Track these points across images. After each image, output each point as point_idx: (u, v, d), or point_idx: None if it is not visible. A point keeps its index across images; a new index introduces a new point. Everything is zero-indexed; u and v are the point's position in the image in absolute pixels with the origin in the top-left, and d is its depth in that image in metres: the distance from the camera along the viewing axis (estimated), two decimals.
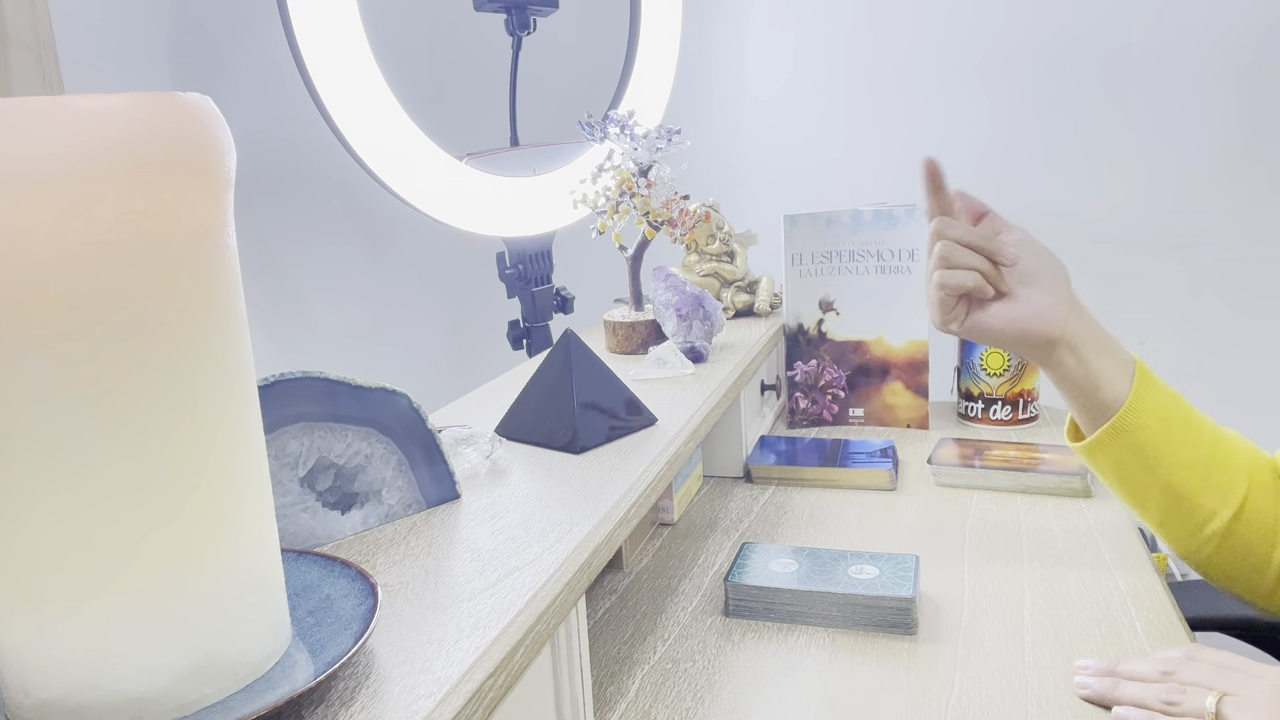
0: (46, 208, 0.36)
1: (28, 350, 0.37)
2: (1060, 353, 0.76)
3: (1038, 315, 0.75)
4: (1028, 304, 0.76)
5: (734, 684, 0.71)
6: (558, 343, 0.84)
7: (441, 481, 0.70)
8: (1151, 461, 0.74)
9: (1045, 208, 1.46)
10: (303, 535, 0.63)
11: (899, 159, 1.50)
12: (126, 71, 0.96)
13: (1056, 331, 0.75)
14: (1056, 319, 0.75)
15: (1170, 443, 0.74)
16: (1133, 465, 0.75)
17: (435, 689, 0.45)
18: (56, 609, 0.39)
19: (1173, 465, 0.74)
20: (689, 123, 1.53)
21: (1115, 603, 0.79)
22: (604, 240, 1.11)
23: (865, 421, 1.28)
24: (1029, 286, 0.76)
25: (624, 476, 0.72)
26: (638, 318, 1.14)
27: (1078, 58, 1.40)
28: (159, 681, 0.40)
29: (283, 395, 0.62)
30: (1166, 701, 0.62)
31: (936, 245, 0.76)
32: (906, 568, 0.81)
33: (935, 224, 0.77)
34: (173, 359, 0.40)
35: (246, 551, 0.44)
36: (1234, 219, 1.40)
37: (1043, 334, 0.75)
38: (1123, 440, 0.75)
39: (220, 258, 0.42)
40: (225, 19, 1.09)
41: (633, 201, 1.08)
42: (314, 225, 1.24)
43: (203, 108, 0.41)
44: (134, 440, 0.39)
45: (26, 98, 0.36)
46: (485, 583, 0.56)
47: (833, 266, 1.25)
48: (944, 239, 0.76)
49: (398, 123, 1.04)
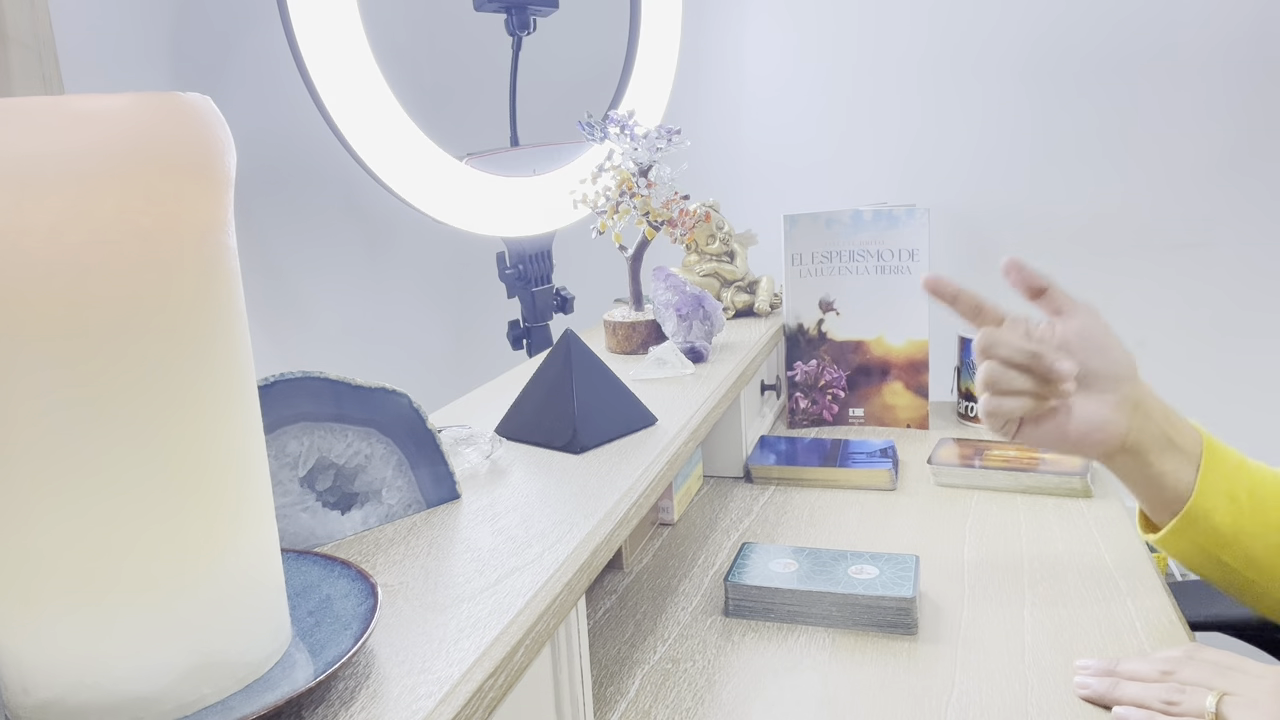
0: (46, 208, 0.36)
1: (27, 350, 0.37)
2: (1120, 458, 0.72)
3: (1095, 429, 0.70)
4: (1083, 420, 0.70)
5: (734, 684, 0.71)
6: (558, 343, 0.84)
7: (441, 481, 0.70)
8: (1229, 539, 0.71)
9: (1046, 207, 1.46)
10: (303, 535, 0.63)
11: (899, 159, 1.51)
12: (126, 71, 0.96)
13: (1115, 444, 0.71)
14: (1115, 432, 0.70)
15: (1242, 516, 0.71)
16: (1211, 545, 0.72)
17: (435, 689, 0.45)
18: (56, 609, 0.39)
19: (1251, 535, 0.71)
20: (689, 123, 1.53)
21: (1115, 603, 0.79)
22: (604, 240, 1.11)
23: (865, 421, 1.28)
24: (1088, 394, 0.71)
25: (624, 476, 0.72)
26: (638, 318, 1.14)
27: (1078, 56, 1.40)
28: (159, 681, 0.40)
29: (283, 395, 0.62)
30: (1166, 701, 0.62)
31: (982, 365, 0.70)
32: (906, 568, 0.81)
33: (979, 338, 0.71)
34: (172, 359, 0.40)
35: (246, 551, 0.44)
36: (1236, 218, 1.40)
37: (1100, 448, 0.71)
38: (1198, 527, 0.71)
39: (220, 258, 0.42)
40: (225, 19, 1.09)
41: (633, 201, 1.08)
42: (314, 225, 1.24)
43: (203, 108, 0.41)
44: (134, 440, 0.39)
45: (26, 98, 0.36)
46: (485, 583, 0.56)
47: (833, 266, 1.25)
48: (990, 359, 0.69)
49: (398, 123, 1.04)
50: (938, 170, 1.49)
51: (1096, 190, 1.43)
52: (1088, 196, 1.44)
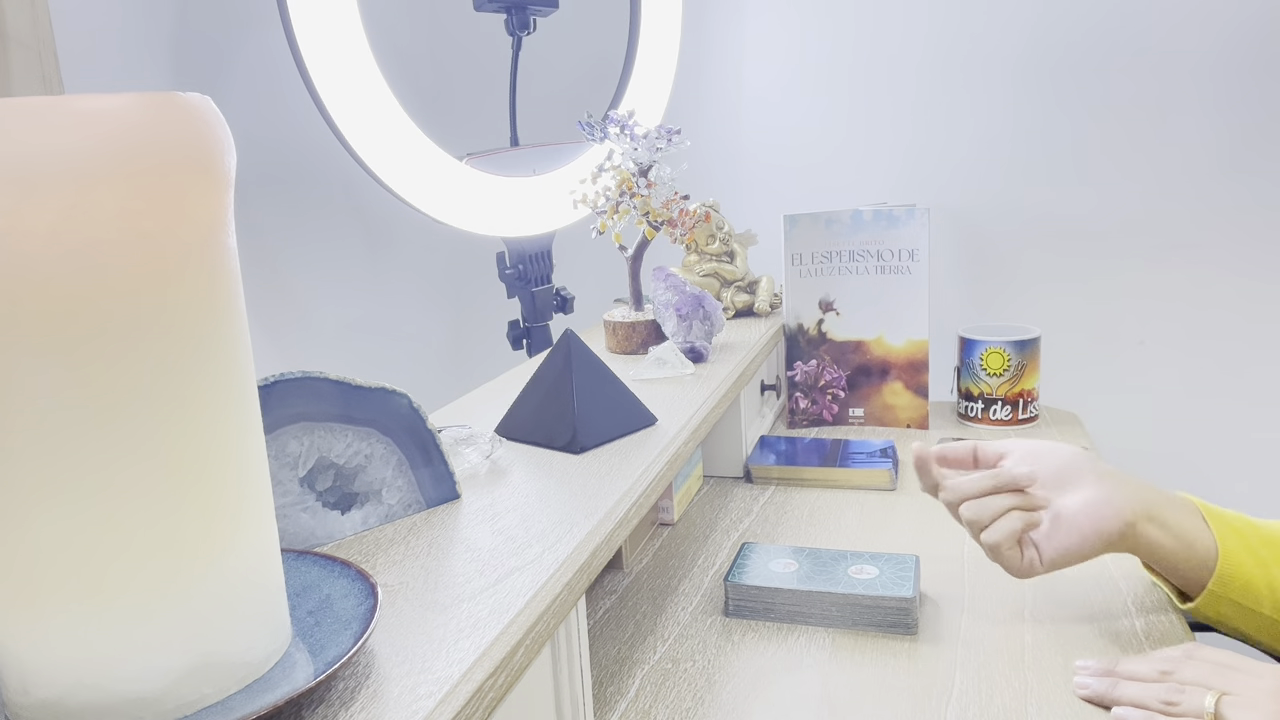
0: (46, 208, 0.36)
1: (27, 350, 0.37)
2: (1144, 528, 0.71)
3: (1100, 506, 0.71)
4: (1084, 508, 0.71)
5: (734, 684, 0.71)
6: (558, 343, 0.84)
7: (441, 481, 0.70)
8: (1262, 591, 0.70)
9: (1046, 207, 1.46)
10: (303, 535, 0.63)
11: (899, 159, 1.50)
12: (126, 71, 0.96)
13: (1128, 512, 0.71)
14: (1120, 503, 0.71)
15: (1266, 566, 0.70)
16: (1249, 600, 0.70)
17: (435, 689, 0.45)
18: (56, 609, 0.39)
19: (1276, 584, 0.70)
20: (689, 123, 1.53)
21: (1115, 603, 0.79)
22: (604, 240, 1.11)
23: (865, 421, 1.28)
24: (1068, 490, 0.72)
25: (624, 476, 0.72)
26: (638, 318, 1.14)
27: (1079, 56, 1.40)
28: (159, 681, 0.40)
29: (283, 395, 0.62)
30: (1165, 701, 0.62)
31: (961, 512, 0.72)
32: (906, 568, 0.81)
33: (943, 496, 0.74)
34: (172, 359, 0.40)
35: (246, 551, 0.44)
36: (1236, 218, 1.40)
37: (1118, 522, 0.70)
38: (1235, 584, 0.70)
39: (220, 258, 0.42)
40: (225, 19, 1.08)
41: (633, 201, 1.08)
42: (314, 225, 1.24)
43: (203, 107, 0.41)
44: (134, 440, 0.39)
45: (26, 98, 0.36)
46: (485, 583, 0.56)
47: (833, 266, 1.25)
48: (965, 502, 0.72)
49: (398, 123, 1.04)
50: (938, 170, 1.49)
51: (1097, 190, 1.43)
52: (1088, 196, 1.44)
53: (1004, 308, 1.50)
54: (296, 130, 1.15)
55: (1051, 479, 0.73)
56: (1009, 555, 0.71)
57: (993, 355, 1.23)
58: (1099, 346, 1.47)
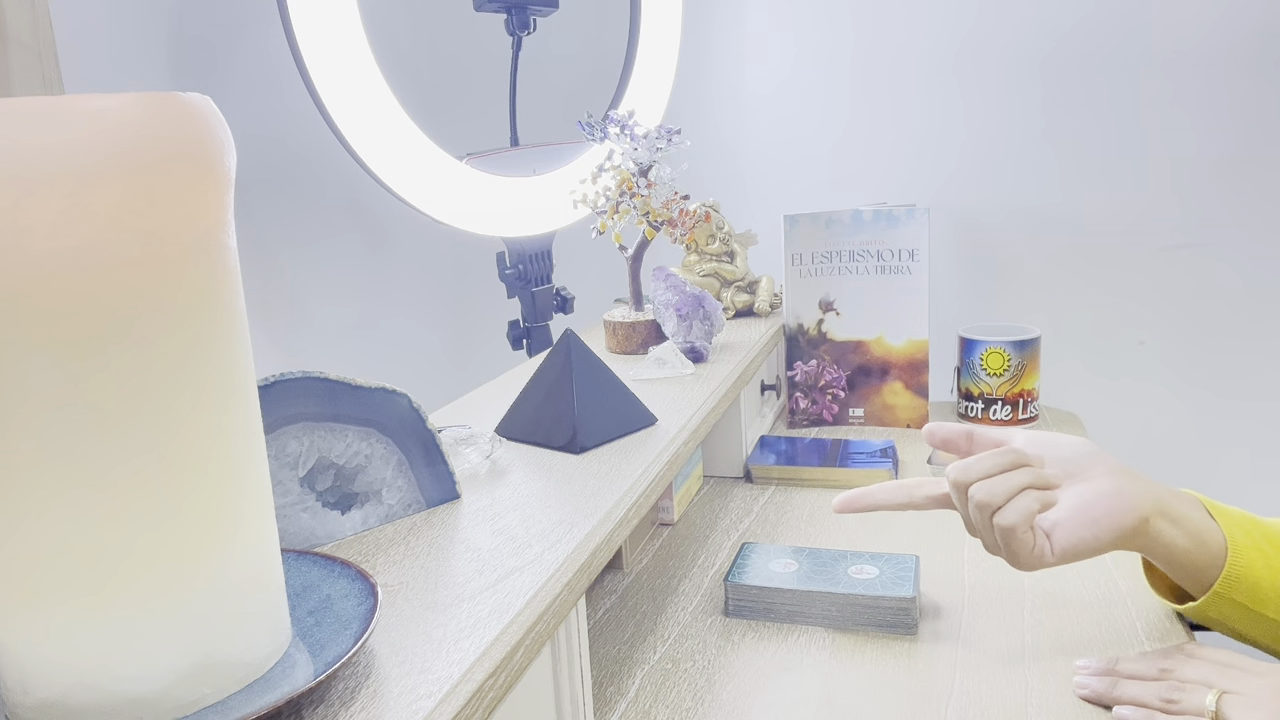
0: (46, 208, 0.36)
1: (27, 350, 0.37)
2: (1157, 523, 0.67)
3: (1112, 497, 0.66)
4: (1096, 496, 0.67)
5: (734, 684, 0.71)
6: (558, 343, 0.84)
7: (441, 481, 0.70)
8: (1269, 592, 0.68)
9: (1046, 207, 1.46)
10: (303, 535, 0.63)
11: (899, 159, 1.50)
12: (126, 71, 0.96)
13: (1144, 507, 0.66)
14: (1133, 494, 0.67)
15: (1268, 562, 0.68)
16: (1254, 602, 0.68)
17: (435, 689, 0.45)
18: (56, 609, 0.39)
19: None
20: (689, 123, 1.53)
21: (1115, 603, 0.79)
22: (604, 240, 1.11)
23: (865, 421, 1.28)
24: (1079, 480, 0.68)
25: (624, 476, 0.72)
26: (638, 318, 1.14)
27: (1080, 56, 1.40)
28: (159, 682, 0.40)
29: (283, 395, 0.62)
30: (1166, 700, 0.62)
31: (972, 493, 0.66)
32: (906, 568, 0.81)
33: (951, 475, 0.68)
34: (172, 359, 0.40)
35: (246, 551, 0.44)
36: (1237, 218, 1.40)
37: (1134, 514, 0.66)
38: (1242, 584, 0.67)
39: (220, 258, 0.42)
40: (225, 19, 1.08)
41: (633, 201, 1.08)
42: (314, 225, 1.24)
43: (202, 107, 0.41)
44: (133, 440, 0.39)
45: (26, 98, 0.36)
46: (485, 583, 0.56)
47: (833, 266, 1.25)
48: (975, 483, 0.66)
49: (398, 123, 1.04)
50: (938, 170, 1.49)
51: (1097, 190, 1.43)
52: (1088, 196, 1.44)
53: (1004, 308, 1.50)
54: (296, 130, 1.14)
55: (1061, 468, 0.69)
56: (1022, 540, 0.64)
57: (993, 355, 1.23)
58: (1099, 346, 1.47)
